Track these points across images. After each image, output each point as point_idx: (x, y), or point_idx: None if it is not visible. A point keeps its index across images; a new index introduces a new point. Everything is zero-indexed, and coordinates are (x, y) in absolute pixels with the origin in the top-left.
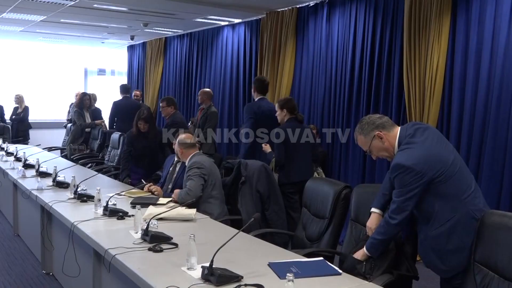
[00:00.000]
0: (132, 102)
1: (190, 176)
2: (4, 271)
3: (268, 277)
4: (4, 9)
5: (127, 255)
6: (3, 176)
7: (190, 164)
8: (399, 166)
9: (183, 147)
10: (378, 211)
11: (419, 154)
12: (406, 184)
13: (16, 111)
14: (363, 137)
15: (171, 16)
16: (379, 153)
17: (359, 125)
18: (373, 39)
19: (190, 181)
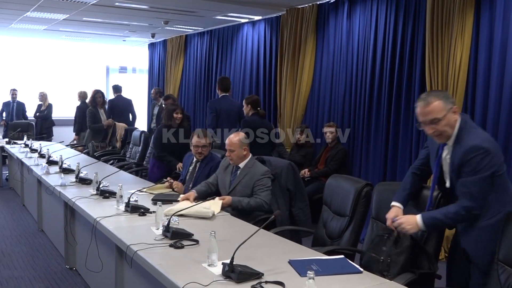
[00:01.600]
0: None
1: (264, 187)
2: (29, 265)
3: (288, 274)
4: (28, 8)
5: (148, 251)
6: (28, 172)
7: (263, 172)
8: (478, 147)
9: (248, 147)
10: (398, 204)
11: (490, 139)
12: (481, 168)
13: (39, 109)
14: (443, 102)
15: (191, 14)
16: (444, 128)
17: (437, 92)
18: (395, 36)
19: (266, 193)
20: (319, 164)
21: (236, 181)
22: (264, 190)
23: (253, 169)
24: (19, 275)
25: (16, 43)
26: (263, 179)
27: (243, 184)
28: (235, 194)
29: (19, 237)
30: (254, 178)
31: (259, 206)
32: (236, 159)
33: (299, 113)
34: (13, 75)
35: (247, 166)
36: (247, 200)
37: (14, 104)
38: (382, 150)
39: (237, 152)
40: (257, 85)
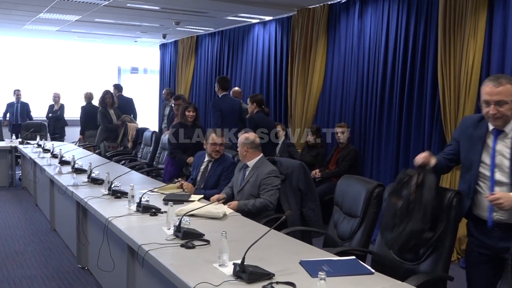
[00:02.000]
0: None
1: (270, 187)
2: (41, 265)
3: (299, 275)
4: (41, 9)
5: (160, 251)
6: (40, 172)
7: (268, 171)
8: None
9: (250, 147)
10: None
11: None
12: None
13: (52, 109)
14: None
15: (202, 15)
16: (507, 112)
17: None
18: (407, 36)
19: (271, 193)
20: (330, 164)
21: (245, 180)
22: (269, 189)
23: (261, 169)
24: (32, 274)
25: (29, 44)
26: (268, 178)
27: (251, 183)
28: (243, 193)
29: (32, 236)
30: (260, 177)
31: (264, 207)
32: (240, 156)
33: (310, 114)
34: (25, 76)
35: (256, 165)
36: (252, 202)
37: (18, 104)
38: (394, 151)
39: (239, 150)
40: (267, 86)
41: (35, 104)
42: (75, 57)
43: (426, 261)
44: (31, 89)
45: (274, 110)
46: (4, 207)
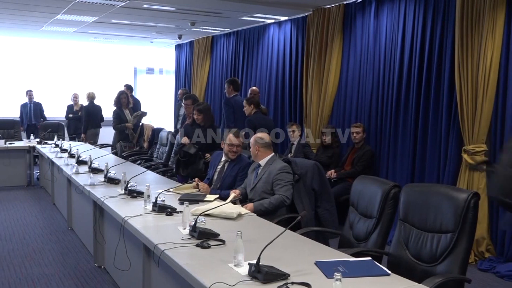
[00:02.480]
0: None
1: (283, 182)
2: (59, 263)
3: (315, 276)
4: (59, 10)
5: (175, 251)
6: (58, 171)
7: (280, 167)
8: None
9: (261, 146)
10: None
11: None
12: None
13: (72, 110)
14: None
15: (218, 15)
16: None
17: None
18: (423, 35)
19: (285, 188)
20: (345, 165)
21: (257, 178)
22: (283, 185)
23: (272, 166)
24: (50, 272)
25: (46, 45)
26: (281, 174)
27: (263, 180)
28: (256, 190)
29: (49, 235)
30: (272, 174)
31: (281, 202)
32: (253, 156)
33: (326, 114)
34: (42, 77)
35: (268, 163)
36: (267, 200)
37: (31, 105)
38: (410, 151)
39: (252, 149)
40: (283, 86)
41: (53, 105)
42: (91, 58)
43: (443, 263)
44: (48, 90)
45: (289, 110)
46: (23, 206)
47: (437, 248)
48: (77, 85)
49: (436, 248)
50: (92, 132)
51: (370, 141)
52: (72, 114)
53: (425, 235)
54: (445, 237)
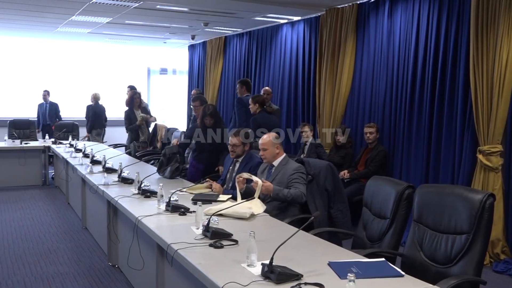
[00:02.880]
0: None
1: (300, 179)
2: (73, 262)
3: (328, 276)
4: (73, 12)
5: (188, 250)
6: (72, 171)
7: (295, 168)
8: None
9: (280, 145)
10: None
11: None
12: None
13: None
14: None
15: (231, 15)
16: None
17: None
18: (438, 35)
19: (303, 186)
20: (359, 165)
21: (270, 178)
22: (300, 182)
23: (287, 166)
24: (64, 271)
25: (61, 46)
26: (296, 173)
27: (277, 181)
28: None
29: (64, 234)
30: (287, 173)
31: (298, 197)
32: (270, 158)
33: (339, 114)
34: (57, 77)
35: (281, 164)
36: (286, 190)
37: (47, 105)
38: (424, 152)
39: (270, 150)
40: (296, 86)
41: (68, 105)
42: (105, 59)
43: (457, 264)
44: (64, 90)
45: (302, 110)
46: (38, 205)
47: (451, 250)
48: (91, 85)
49: (450, 249)
50: (97, 132)
51: (383, 141)
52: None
53: (439, 236)
54: (460, 239)
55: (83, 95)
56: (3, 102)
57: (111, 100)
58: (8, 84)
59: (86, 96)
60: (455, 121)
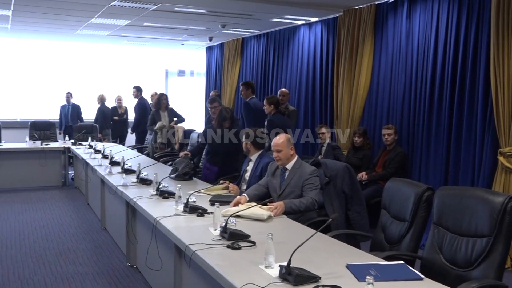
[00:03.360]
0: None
1: (313, 186)
2: (92, 262)
3: (346, 278)
4: (93, 14)
5: (206, 251)
6: (92, 172)
7: (310, 171)
8: None
9: (293, 146)
10: None
11: None
12: None
13: (116, 112)
14: None
15: (248, 17)
16: None
17: None
18: (457, 36)
19: (316, 192)
20: (377, 167)
21: (285, 183)
22: (313, 188)
23: (301, 170)
24: (84, 271)
25: (81, 48)
26: (311, 178)
27: (292, 185)
28: (285, 196)
29: (83, 234)
30: (302, 177)
31: (311, 204)
32: (284, 160)
33: (357, 115)
34: (77, 79)
35: (295, 167)
36: (298, 200)
37: (70, 106)
38: (444, 154)
39: (285, 152)
40: (313, 87)
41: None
42: (124, 61)
43: (478, 268)
44: (83, 92)
45: (320, 111)
46: (58, 206)
47: (472, 253)
48: (110, 87)
49: (471, 252)
50: (106, 133)
51: (402, 142)
52: (117, 116)
53: (459, 239)
54: (481, 242)
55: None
56: (24, 104)
57: (130, 102)
58: (29, 86)
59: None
60: (475, 123)
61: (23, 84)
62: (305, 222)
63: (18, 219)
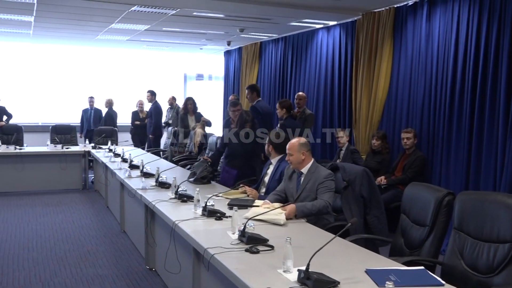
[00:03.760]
0: None
1: (327, 189)
2: (112, 264)
3: (365, 284)
4: (113, 20)
5: (225, 255)
6: (111, 175)
7: (325, 175)
8: None
9: (307, 150)
10: None
11: None
12: None
13: (138, 117)
14: None
15: (266, 21)
16: None
17: None
18: (478, 39)
19: (329, 195)
20: (396, 171)
21: (301, 187)
22: (326, 191)
23: (316, 174)
24: (103, 274)
25: (101, 53)
26: (325, 182)
27: (308, 189)
28: (301, 200)
29: (103, 237)
30: (317, 181)
31: (323, 207)
32: (296, 163)
33: (375, 119)
34: (97, 84)
35: (310, 171)
36: (310, 203)
37: (92, 111)
38: (464, 158)
39: (296, 156)
40: (331, 91)
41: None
42: (143, 65)
43: (501, 274)
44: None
45: (338, 115)
46: (78, 209)
47: (494, 259)
48: (129, 91)
49: (493, 258)
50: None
51: (422, 146)
52: (139, 121)
53: (481, 244)
54: (503, 247)
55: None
56: (45, 108)
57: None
58: (50, 91)
59: (125, 102)
60: (497, 126)
61: (44, 88)
62: (323, 226)
63: (39, 222)
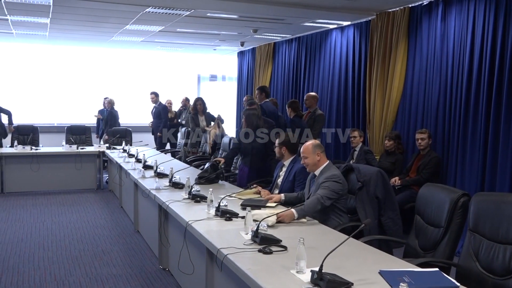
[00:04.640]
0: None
1: (325, 186)
2: (126, 264)
3: (379, 285)
4: (128, 21)
5: (238, 255)
6: (126, 176)
7: (328, 176)
8: None
9: (321, 151)
10: None
11: None
12: None
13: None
14: None
15: (280, 22)
16: None
17: None
18: (494, 39)
19: (325, 190)
20: (410, 172)
21: (313, 189)
22: (323, 188)
23: (324, 175)
24: (117, 273)
25: (115, 54)
26: (326, 182)
27: (315, 190)
28: None
29: (117, 237)
30: (320, 181)
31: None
32: (311, 165)
33: (390, 120)
34: (112, 84)
35: (321, 173)
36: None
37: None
38: (480, 159)
39: (311, 158)
40: (345, 91)
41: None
42: (158, 66)
43: None
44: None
45: (352, 115)
46: (92, 209)
47: (510, 261)
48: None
49: (509, 260)
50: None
51: (436, 147)
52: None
53: (497, 246)
54: None
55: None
56: (61, 109)
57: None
58: (65, 92)
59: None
60: None
61: (59, 89)
62: (337, 227)
63: (54, 221)
